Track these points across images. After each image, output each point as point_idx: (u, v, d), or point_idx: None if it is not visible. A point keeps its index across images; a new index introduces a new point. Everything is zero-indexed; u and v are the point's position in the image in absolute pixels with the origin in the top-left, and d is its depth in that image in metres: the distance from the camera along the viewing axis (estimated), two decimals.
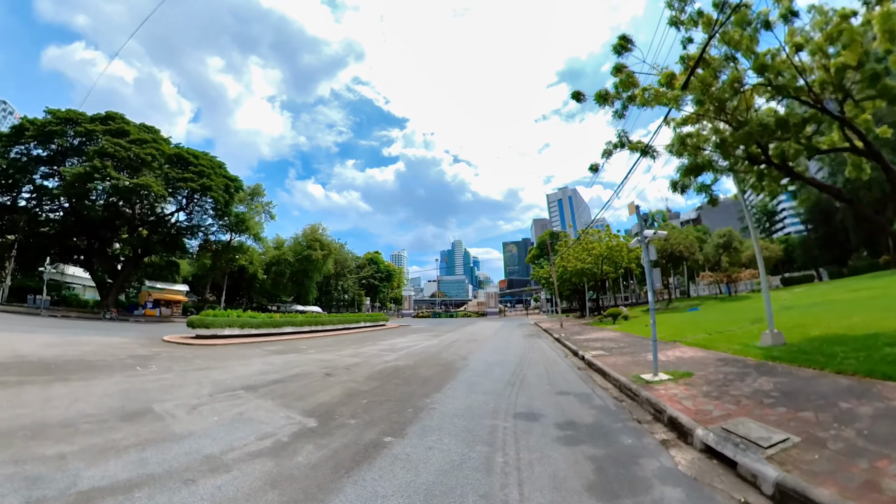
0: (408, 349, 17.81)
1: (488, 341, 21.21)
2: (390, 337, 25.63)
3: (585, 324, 32.05)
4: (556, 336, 21.63)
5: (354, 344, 20.80)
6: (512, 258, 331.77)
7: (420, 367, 12.46)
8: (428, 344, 20.18)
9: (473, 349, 17.14)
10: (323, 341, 22.32)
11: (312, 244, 60.58)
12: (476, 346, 18.34)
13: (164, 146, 45.41)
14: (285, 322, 26.14)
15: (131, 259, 49.85)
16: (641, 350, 13.69)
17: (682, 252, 39.35)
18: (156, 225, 50.30)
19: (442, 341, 21.67)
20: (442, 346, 18.75)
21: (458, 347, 18.12)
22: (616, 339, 17.75)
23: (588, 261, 33.51)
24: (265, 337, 23.29)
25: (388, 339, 23.58)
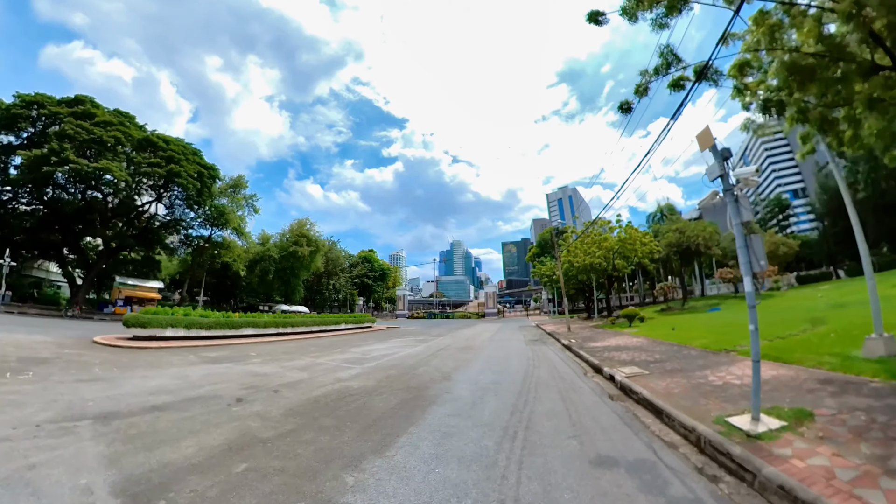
0: (379, 360, 13.98)
1: (483, 349, 17.36)
2: (368, 342, 21.78)
3: (595, 326, 28.18)
4: (565, 342, 17.78)
5: (319, 351, 16.95)
6: (511, 258, 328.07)
7: (380, 391, 8.64)
8: (408, 352, 16.33)
9: (463, 362, 13.29)
10: (284, 347, 18.50)
11: (299, 240, 56.68)
12: (467, 358, 14.49)
13: (132, 130, 42.10)
14: (245, 323, 22.39)
15: (103, 254, 46.77)
16: (691, 366, 9.90)
17: (700, 246, 35.56)
18: (131, 218, 47.01)
19: (427, 348, 17.84)
20: (425, 356, 14.90)
21: (445, 358, 14.26)
22: (644, 348, 13.91)
23: (598, 254, 29.63)
24: (219, 340, 19.67)
25: (364, 345, 19.75)
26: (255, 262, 57.99)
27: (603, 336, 19.68)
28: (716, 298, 41.12)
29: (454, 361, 13.22)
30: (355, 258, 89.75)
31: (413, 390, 8.72)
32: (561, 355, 14.78)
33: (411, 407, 7.23)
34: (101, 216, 44.38)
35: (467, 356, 14.72)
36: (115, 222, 46.24)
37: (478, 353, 15.86)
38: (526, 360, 13.47)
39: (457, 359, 13.93)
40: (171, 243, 53.92)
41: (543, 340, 21.15)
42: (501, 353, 15.65)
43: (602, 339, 18.38)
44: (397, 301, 79.70)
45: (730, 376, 8.81)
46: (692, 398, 7.01)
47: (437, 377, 10.28)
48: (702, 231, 36.08)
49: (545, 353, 15.49)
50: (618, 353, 12.98)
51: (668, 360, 11.23)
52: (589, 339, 18.38)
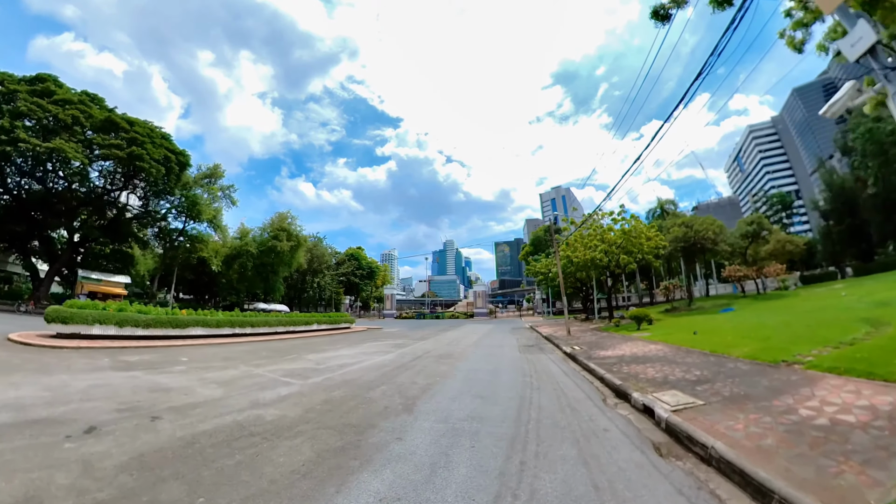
0: (333, 373, 10.79)
1: (468, 358, 14.24)
2: (336, 346, 18.59)
3: (597, 329, 25.18)
4: (568, 349, 14.74)
5: (268, 357, 13.75)
6: (504, 258, 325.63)
7: (299, 429, 5.64)
8: (374, 362, 13.16)
9: (438, 378, 10.16)
10: (231, 351, 15.26)
11: (278, 234, 53.21)
12: (445, 371, 11.34)
13: (93, 110, 38.70)
14: (194, 322, 19.24)
15: (68, 246, 43.68)
16: (756, 389, 6.91)
17: (708, 242, 32.75)
18: (98, 208, 43.65)
19: (401, 356, 14.70)
20: (391, 369, 11.76)
21: (416, 372, 11.13)
22: (672, 359, 10.88)
23: (599, 248, 26.58)
24: (159, 341, 16.66)
25: (328, 351, 16.56)
26: (232, 258, 54.48)
27: (611, 342, 16.64)
28: (724, 298, 38.34)
29: (426, 377, 10.07)
30: (342, 255, 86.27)
31: (348, 432, 5.60)
32: (564, 368, 11.70)
33: (327, 471, 4.14)
34: (65, 206, 41.55)
35: (445, 368, 11.59)
36: (81, 212, 43.16)
37: (459, 363, 12.73)
38: (520, 375, 10.36)
39: (431, 373, 10.78)
40: (145, 237, 50.79)
41: (541, 346, 18.09)
42: (489, 364, 12.52)
43: (612, 345, 15.33)
44: (385, 300, 76.27)
45: (829, 407, 5.81)
46: (807, 458, 3.98)
47: (394, 406, 7.13)
48: (710, 225, 33.27)
49: (545, 364, 12.39)
50: (641, 368, 9.94)
51: (715, 378, 8.19)
52: (596, 346, 15.34)
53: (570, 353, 13.69)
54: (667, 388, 7.60)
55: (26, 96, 35.08)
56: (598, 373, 9.78)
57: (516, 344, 19.16)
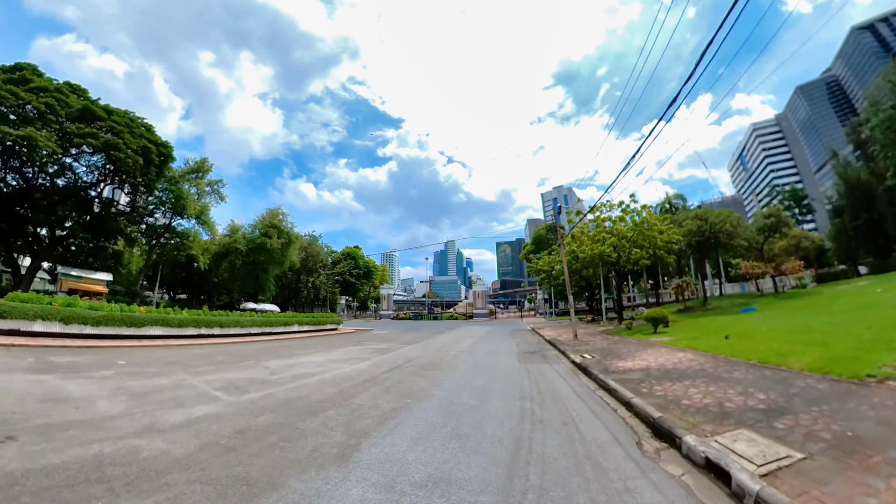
0: (280, 387, 8.38)
1: (456, 369, 11.79)
2: (308, 351, 16.19)
3: (607, 332, 22.74)
4: (576, 358, 12.34)
5: (222, 363, 11.57)
6: (505, 258, 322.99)
7: (152, 488, 3.16)
8: (340, 373, 10.77)
9: (409, 400, 7.78)
10: (182, 354, 13.07)
11: (269, 231, 50.90)
12: (421, 389, 8.92)
13: (70, 99, 36.55)
14: (151, 321, 17.40)
15: (49, 242, 41.89)
16: (864, 426, 4.41)
17: (722, 236, 30.10)
18: (81, 203, 41.80)
19: (375, 366, 12.31)
20: (355, 384, 9.38)
21: (385, 389, 8.78)
22: (714, 374, 8.48)
23: (609, 241, 24.03)
24: (110, 340, 15.11)
25: (295, 357, 14.20)
26: (221, 256, 52.22)
27: (628, 348, 14.20)
28: (740, 298, 35.74)
29: (394, 398, 7.68)
30: (338, 255, 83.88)
31: (232, 495, 3.35)
32: (575, 384, 9.28)
33: None
34: (46, 199, 39.85)
35: (424, 384, 9.17)
36: (63, 207, 41.23)
37: (444, 377, 10.29)
38: (517, 397, 7.92)
39: (404, 391, 8.40)
40: (133, 234, 48.76)
41: (543, 353, 15.66)
42: (480, 377, 10.08)
43: (630, 353, 12.89)
44: (382, 301, 73.80)
45: None
46: None
47: (327, 448, 4.76)
48: (727, 218, 30.65)
49: (549, 379, 9.95)
50: (680, 388, 7.53)
51: (790, 405, 5.78)
52: (611, 354, 12.90)
53: (580, 364, 11.26)
54: (730, 423, 5.19)
55: (0, 84, 33.15)
56: (621, 395, 7.36)
57: (516, 350, 16.73)
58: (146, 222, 48.35)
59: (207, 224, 49.17)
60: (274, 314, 25.10)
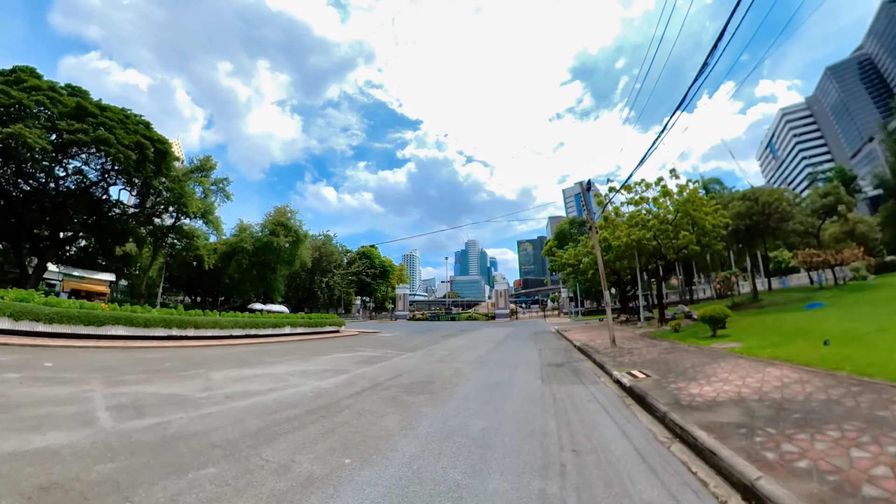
0: (165, 418, 5.27)
1: (452, 395, 8.35)
2: (282, 358, 13.17)
3: (647, 334, 18.99)
4: (625, 380, 8.82)
5: (161, 372, 9.28)
6: (527, 257, 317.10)
7: None
8: (283, 397, 7.60)
9: (349, 459, 4.61)
10: (134, 357, 11.01)
11: (275, 229, 48.67)
12: (379, 437, 5.65)
13: (63, 97, 35.35)
14: (114, 319, 15.55)
15: (52, 243, 41.15)
16: None
17: (773, 219, 25.49)
18: (87, 203, 41.00)
19: (347, 384, 9.17)
20: (290, 417, 6.30)
21: (322, 434, 5.67)
22: (882, 417, 4.85)
23: (650, 224, 20.21)
24: (66, 339, 13.92)
25: (261, 365, 11.33)
26: (229, 255, 50.36)
27: (689, 359, 10.59)
28: (796, 292, 31.06)
29: (325, 457, 4.49)
30: (353, 254, 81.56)
31: None
32: (632, 432, 5.75)
33: None
34: (50, 201, 39.25)
35: (391, 425, 5.89)
36: (67, 208, 40.21)
37: (428, 409, 6.96)
38: (536, 465, 4.50)
39: (350, 439, 5.20)
40: (141, 234, 47.58)
41: (574, 365, 12.14)
42: (481, 414, 6.55)
43: (697, 367, 9.29)
44: (397, 301, 70.90)
45: None
46: None
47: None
48: (781, 197, 26.08)
49: (589, 419, 6.35)
50: (824, 443, 4.04)
51: None
52: (671, 370, 9.32)
53: (632, 389, 7.76)
54: None
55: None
56: (732, 466, 3.93)
57: (538, 360, 13.27)
58: (153, 223, 47.12)
59: (213, 223, 47.42)
60: (267, 314, 22.43)
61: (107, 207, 42.48)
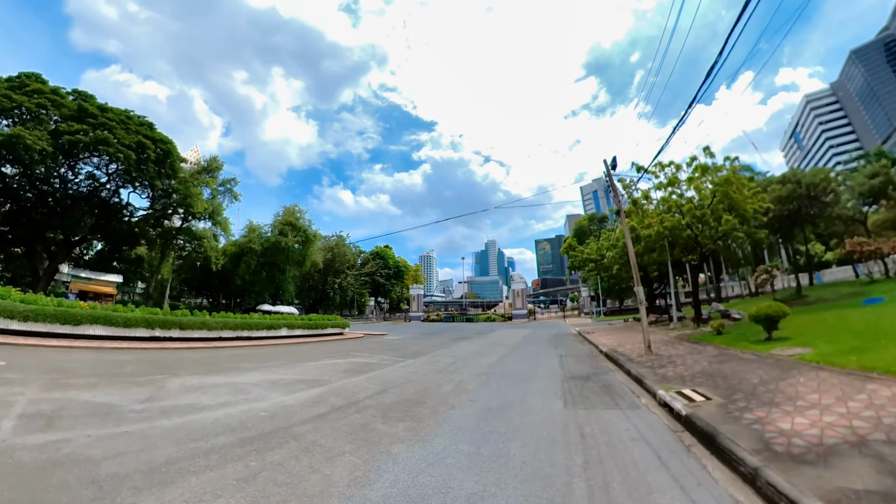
0: (52, 438, 3.50)
1: (441, 423, 6.37)
2: (262, 365, 11.44)
3: (686, 338, 16.61)
4: (675, 404, 6.69)
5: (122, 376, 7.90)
6: (545, 257, 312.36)
7: None
8: (229, 415, 5.77)
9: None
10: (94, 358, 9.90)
11: (283, 229, 47.48)
12: (311, 496, 3.67)
13: (66, 100, 34.98)
14: (92, 318, 14.73)
15: (62, 246, 41.25)
16: None
17: (820, 203, 22.51)
18: (97, 206, 41.00)
19: (315, 401, 7.36)
20: (211, 449, 4.51)
21: (234, 484, 3.70)
22: None
23: (686, 209, 17.85)
24: (42, 338, 13.30)
25: (232, 373, 9.74)
26: (238, 256, 49.48)
27: (751, 371, 8.35)
28: (845, 286, 27.90)
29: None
30: (367, 255, 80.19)
31: None
32: (706, 501, 3.71)
33: None
34: (59, 204, 39.34)
35: (338, 478, 3.95)
36: (77, 211, 40.01)
37: (401, 452, 5.00)
38: None
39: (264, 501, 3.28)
40: (152, 237, 47.22)
41: (603, 379, 9.95)
42: (475, 463, 4.60)
43: (768, 384, 7.08)
44: (412, 302, 69.10)
45: None
46: None
47: None
48: (825, 178, 22.97)
49: (637, 476, 4.32)
50: None
51: None
52: (735, 388, 7.10)
53: (690, 420, 5.63)
54: None
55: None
56: None
57: (559, 371, 11.12)
58: (163, 225, 46.68)
59: (221, 224, 46.64)
60: (275, 316, 20.96)
61: (116, 210, 42.17)
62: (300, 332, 21.80)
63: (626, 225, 13.62)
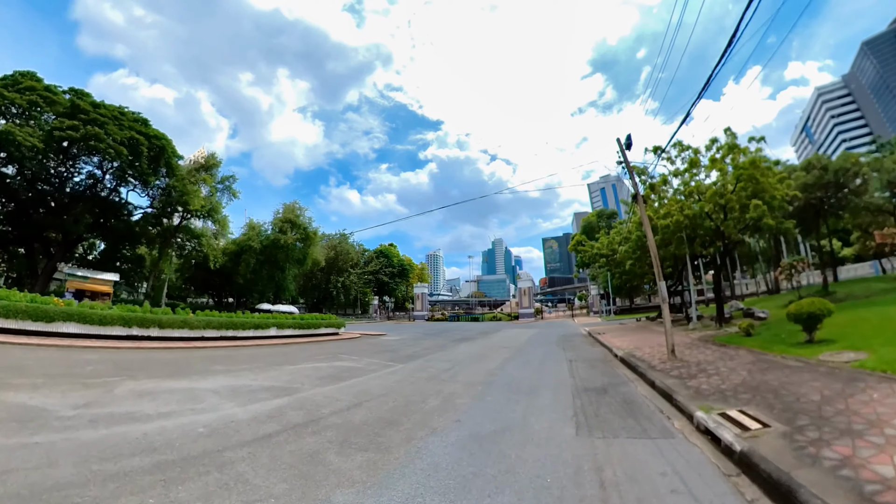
0: None
1: (412, 460, 5.15)
2: (234, 368, 10.12)
3: (711, 339, 15.02)
4: (726, 434, 5.23)
5: (66, 377, 6.51)
6: (553, 255, 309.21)
7: None
8: (139, 433, 4.36)
9: None
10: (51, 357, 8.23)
11: (283, 227, 46.36)
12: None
13: (58, 97, 34.22)
14: (65, 315, 14.27)
15: (60, 244, 40.79)
16: None
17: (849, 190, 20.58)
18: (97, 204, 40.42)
19: (257, 420, 6.01)
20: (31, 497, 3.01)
21: None
22: None
23: (710, 193, 15.81)
24: (12, 336, 12.79)
25: (195, 378, 8.50)
26: (237, 255, 48.48)
27: (810, 384, 6.81)
28: (869, 282, 25.98)
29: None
30: (370, 253, 78.96)
31: None
32: None
33: None
34: (55, 202, 38.80)
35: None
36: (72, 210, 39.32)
37: (348, 500, 3.65)
38: None
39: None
40: (150, 235, 46.45)
41: (623, 393, 8.38)
42: None
43: (847, 405, 5.53)
44: (416, 300, 67.68)
45: None
46: None
47: None
48: (856, 163, 21.02)
49: None
50: None
51: None
52: (804, 412, 5.61)
53: (754, 464, 4.15)
54: None
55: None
56: None
57: (568, 380, 9.62)
58: (162, 223, 45.82)
59: (219, 222, 45.68)
60: (238, 315, 19.63)
61: (115, 208, 41.45)
62: (291, 332, 20.51)
63: (645, 212, 12.07)
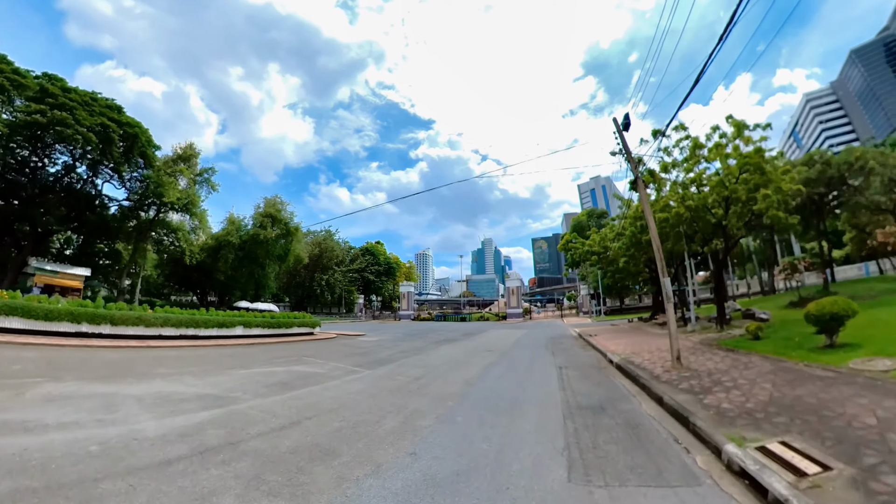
0: None
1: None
2: (177, 371, 8.64)
3: (716, 343, 13.78)
4: (781, 491, 3.87)
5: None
6: (542, 255, 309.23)
7: None
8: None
9: None
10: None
11: (263, 221, 44.50)
12: None
13: (27, 80, 31.86)
14: (7, 309, 13.29)
15: (30, 238, 38.71)
16: None
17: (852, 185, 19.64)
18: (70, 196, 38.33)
19: (173, 438, 4.49)
20: None
21: None
22: None
23: (713, 183, 14.94)
24: None
25: (119, 382, 7.06)
26: (216, 250, 46.44)
27: (856, 401, 5.52)
28: (870, 282, 25.13)
29: None
30: (356, 251, 77.11)
31: None
32: None
33: None
34: (24, 192, 36.58)
35: None
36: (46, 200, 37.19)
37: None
38: None
39: None
40: (128, 229, 44.23)
41: (624, 412, 6.94)
42: None
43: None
44: (402, 299, 66.07)
45: None
46: None
47: None
48: (861, 156, 20.02)
49: None
50: None
51: None
52: (864, 443, 4.29)
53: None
54: None
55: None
56: None
57: (559, 396, 8.15)
58: (139, 217, 43.56)
59: (197, 216, 43.59)
60: (202, 312, 17.95)
61: (87, 200, 39.33)
62: (259, 331, 18.88)
63: (645, 198, 10.75)
